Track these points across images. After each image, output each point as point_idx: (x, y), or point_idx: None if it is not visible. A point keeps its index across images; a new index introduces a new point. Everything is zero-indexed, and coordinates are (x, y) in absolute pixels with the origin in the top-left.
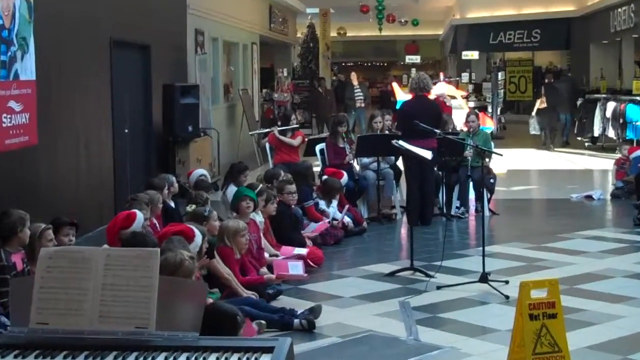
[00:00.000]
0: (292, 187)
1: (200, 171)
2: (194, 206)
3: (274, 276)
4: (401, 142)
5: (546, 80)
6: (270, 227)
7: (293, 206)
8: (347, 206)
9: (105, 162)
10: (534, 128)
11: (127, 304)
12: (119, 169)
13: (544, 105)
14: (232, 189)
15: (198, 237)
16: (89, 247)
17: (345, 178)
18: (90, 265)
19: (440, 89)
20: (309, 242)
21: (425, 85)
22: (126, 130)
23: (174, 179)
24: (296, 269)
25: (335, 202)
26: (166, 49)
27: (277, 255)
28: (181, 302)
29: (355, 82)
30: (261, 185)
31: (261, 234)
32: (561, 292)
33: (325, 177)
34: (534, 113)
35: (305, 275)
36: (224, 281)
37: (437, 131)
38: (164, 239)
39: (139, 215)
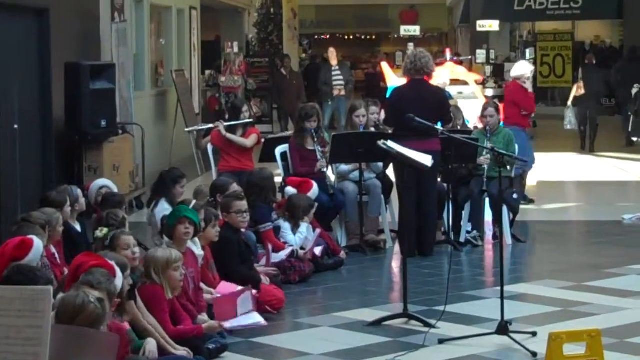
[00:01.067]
0: (243, 205)
1: (101, 182)
2: (105, 230)
3: (216, 323)
4: (391, 144)
5: (587, 61)
6: (212, 260)
7: (244, 230)
8: (318, 230)
9: None
10: (569, 122)
11: None
12: (5, 178)
13: (582, 92)
14: (163, 208)
15: (118, 278)
16: None
17: (315, 190)
18: None
19: (444, 72)
20: (265, 280)
21: (424, 66)
22: (15, 127)
23: (80, 192)
24: (245, 304)
25: (304, 226)
26: (71, 14)
27: (211, 294)
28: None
29: (333, 62)
30: (194, 201)
31: (199, 269)
32: (607, 347)
33: (288, 188)
34: (569, 102)
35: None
36: (145, 334)
37: (439, 128)
38: (75, 276)
39: (37, 242)
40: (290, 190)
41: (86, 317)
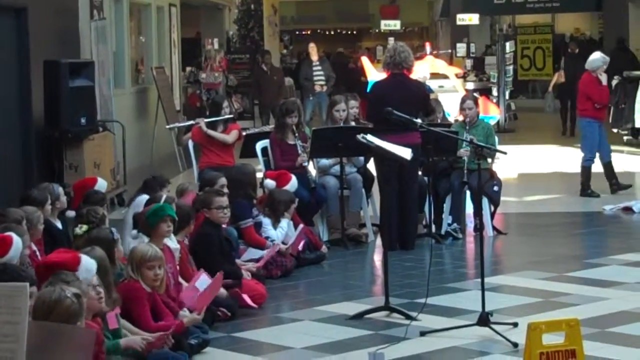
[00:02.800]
0: (224, 201)
1: (102, 184)
2: (84, 227)
3: (196, 314)
4: (370, 138)
5: (569, 49)
6: (190, 254)
7: (224, 226)
8: (301, 226)
9: None
10: (548, 106)
11: None
12: None
13: (562, 80)
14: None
15: (84, 269)
16: None
17: (293, 183)
18: None
19: (424, 66)
20: (246, 275)
21: (403, 60)
22: None
23: (60, 190)
24: (204, 283)
25: (285, 222)
26: (49, 12)
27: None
28: (60, 356)
29: (314, 57)
30: (165, 195)
31: (176, 264)
32: (587, 336)
33: (267, 181)
34: (550, 88)
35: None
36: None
37: (418, 121)
38: (47, 274)
39: (17, 240)
40: (269, 182)
41: (62, 312)
